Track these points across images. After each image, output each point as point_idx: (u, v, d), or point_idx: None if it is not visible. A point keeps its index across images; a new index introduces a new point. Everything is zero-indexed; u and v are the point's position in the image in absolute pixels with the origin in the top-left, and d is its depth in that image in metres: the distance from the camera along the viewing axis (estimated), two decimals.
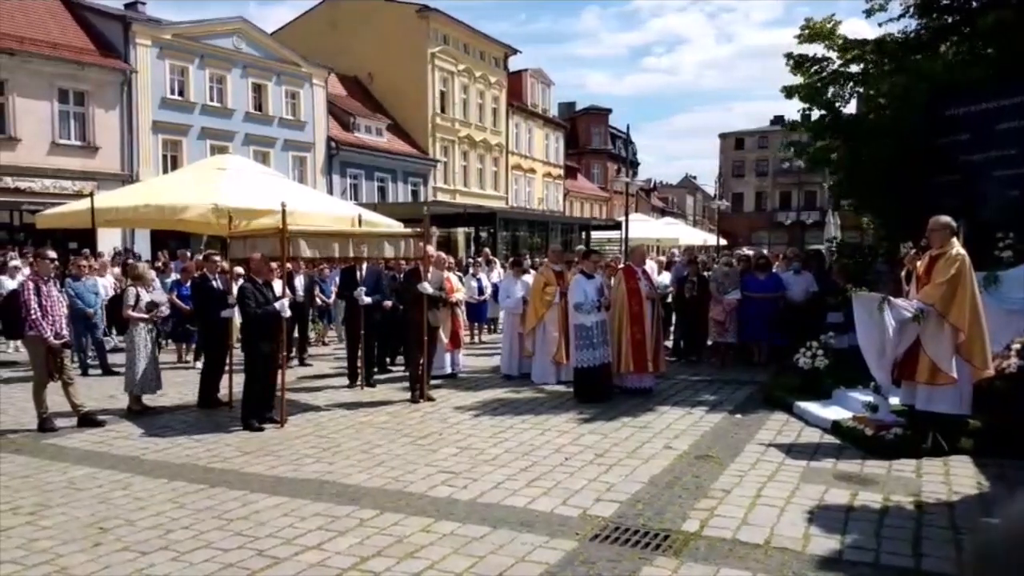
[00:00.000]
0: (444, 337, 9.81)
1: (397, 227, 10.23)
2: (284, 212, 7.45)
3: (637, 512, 4.94)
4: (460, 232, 31.84)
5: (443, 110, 36.00)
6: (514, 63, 42.25)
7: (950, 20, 12.19)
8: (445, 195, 35.37)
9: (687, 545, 4.38)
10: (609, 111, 57.71)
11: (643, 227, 31.26)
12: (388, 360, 11.25)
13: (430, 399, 8.65)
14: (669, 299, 11.89)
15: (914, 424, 6.46)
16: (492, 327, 15.11)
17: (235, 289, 8.14)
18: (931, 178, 10.53)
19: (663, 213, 60.63)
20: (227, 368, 8.57)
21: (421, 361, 8.61)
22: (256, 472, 5.97)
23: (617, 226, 31.38)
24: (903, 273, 7.11)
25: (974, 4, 11.83)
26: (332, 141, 30.22)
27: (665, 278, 12.11)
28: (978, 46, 11.43)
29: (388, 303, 9.95)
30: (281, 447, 6.72)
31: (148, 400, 8.33)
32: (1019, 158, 9.13)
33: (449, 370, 10.14)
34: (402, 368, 10.36)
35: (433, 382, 9.27)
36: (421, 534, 4.58)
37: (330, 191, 27.38)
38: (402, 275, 9.94)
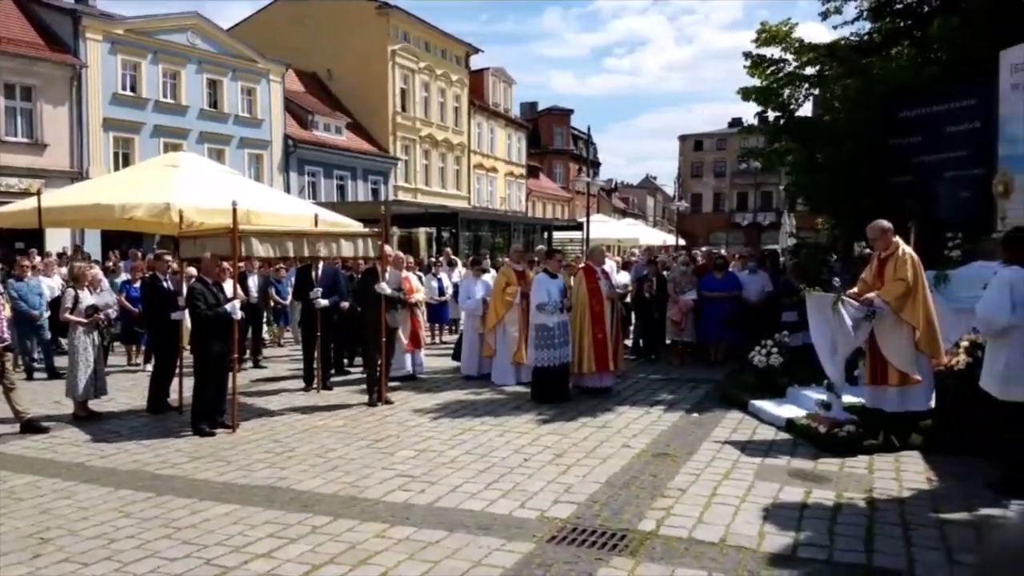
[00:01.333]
0: (403, 338, 9.71)
1: (356, 226, 10.06)
2: (235, 210, 7.27)
3: (595, 513, 4.92)
4: (422, 232, 31.62)
5: (404, 108, 35.75)
6: (476, 62, 42.26)
7: (902, 24, 12.49)
8: (406, 194, 35.13)
9: (644, 545, 4.37)
10: (571, 111, 58.09)
11: (604, 227, 31.46)
12: (345, 362, 11.09)
13: (388, 402, 8.54)
14: (628, 299, 11.94)
15: (866, 421, 6.57)
16: (453, 328, 15.01)
17: (185, 290, 7.93)
18: (885, 179, 10.75)
19: (624, 214, 61.20)
20: (177, 371, 8.35)
21: (379, 363, 8.49)
22: (206, 479, 5.80)
23: (579, 226, 31.51)
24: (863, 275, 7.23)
25: (925, 8, 12.12)
26: (289, 139, 29.78)
27: (623, 277, 12.16)
28: (929, 50, 11.70)
29: (345, 304, 9.80)
30: (232, 452, 6.55)
31: (95, 405, 8.06)
32: (969, 160, 9.36)
33: (409, 370, 10.04)
34: (360, 370, 10.22)
35: (392, 384, 9.16)
36: (375, 540, 4.49)
37: (287, 189, 26.97)
38: (360, 275, 9.79)
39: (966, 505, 4.92)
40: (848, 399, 6.96)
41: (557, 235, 34.23)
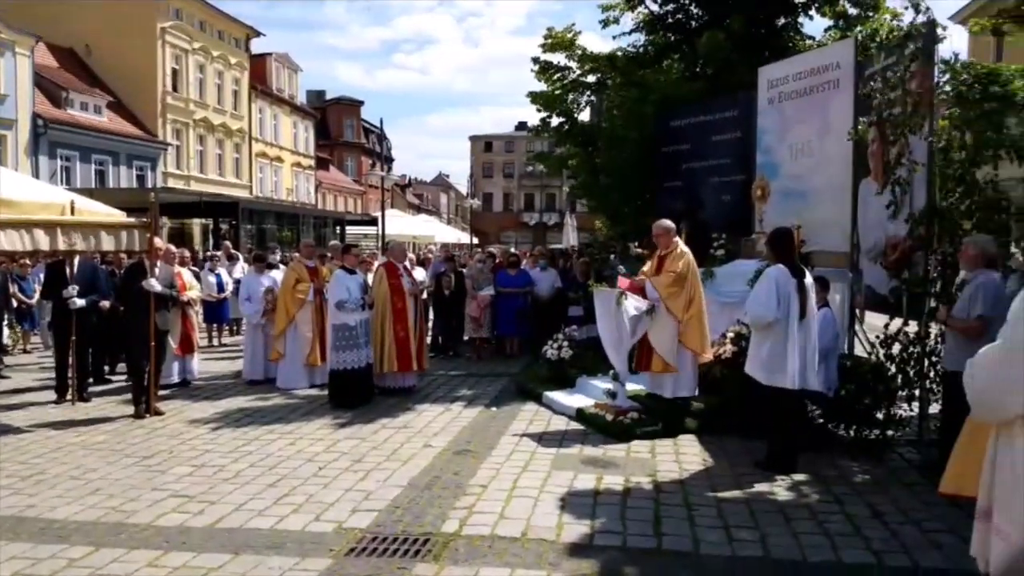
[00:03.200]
0: (173, 342, 8.78)
1: (120, 216, 8.95)
2: None
3: (396, 519, 4.73)
4: (197, 223, 29.27)
5: (175, 89, 32.79)
6: (258, 46, 39.90)
7: (673, 38, 13.55)
8: (178, 182, 32.24)
9: (447, 547, 4.26)
10: (361, 103, 56.74)
11: (400, 223, 31.15)
12: (106, 369, 9.87)
13: (158, 412, 7.68)
14: (425, 295, 11.86)
15: (648, 408, 7.01)
16: (235, 328, 13.98)
17: None
18: (660, 183, 11.62)
19: (419, 210, 61.17)
20: None
21: (147, 370, 7.61)
22: None
23: (373, 221, 30.93)
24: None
25: (693, 24, 13.25)
26: (39, 118, 26.10)
27: (419, 274, 12.04)
28: (696, 64, 12.81)
29: (106, 303, 8.69)
30: None
31: None
32: (731, 167, 10.37)
33: (177, 379, 9.12)
34: (124, 378, 9.13)
35: (162, 393, 8.27)
36: (147, 570, 3.96)
37: (36, 174, 23.59)
38: (123, 271, 8.73)
39: (738, 484, 5.38)
40: (631, 387, 7.39)
41: (350, 230, 33.42)
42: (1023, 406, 1.95)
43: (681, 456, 6.15)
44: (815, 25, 63.11)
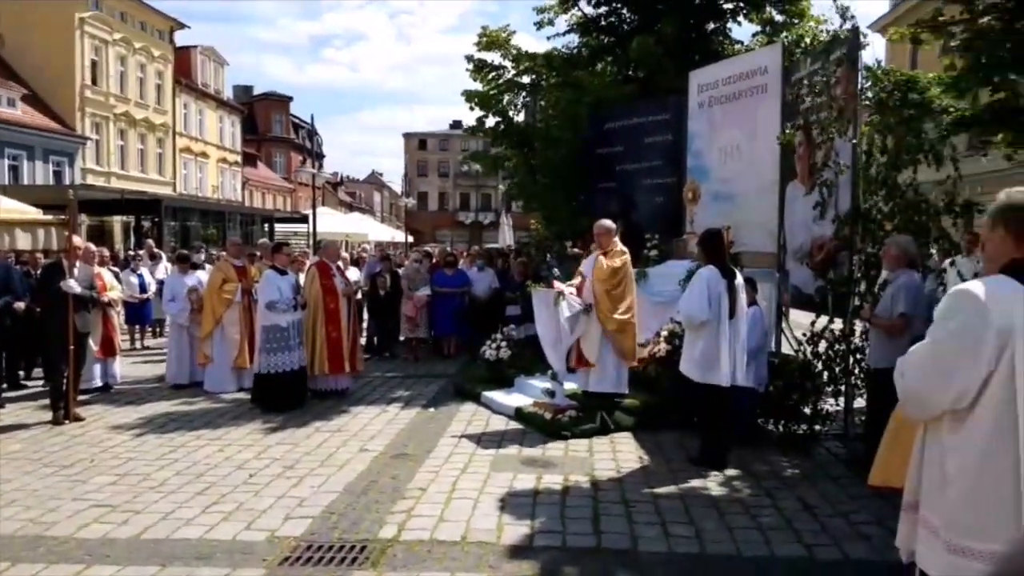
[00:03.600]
0: (93, 345, 8.38)
1: (35, 214, 8.51)
2: None
3: (332, 525, 4.62)
4: (117, 221, 28.07)
5: (95, 82, 31.37)
6: (182, 38, 38.56)
7: (606, 41, 13.71)
8: (98, 178, 30.86)
9: (385, 554, 4.18)
10: (290, 98, 55.55)
11: (332, 221, 30.51)
12: (21, 374, 9.36)
13: (78, 419, 7.32)
14: (359, 295, 11.68)
15: (585, 406, 7.07)
16: (158, 330, 13.47)
17: None
18: (595, 184, 11.74)
19: (351, 208, 60.25)
20: None
21: (66, 374, 7.24)
22: None
23: (304, 219, 30.25)
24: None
25: (625, 28, 13.43)
26: None
27: (353, 274, 11.85)
28: (628, 67, 12.99)
29: (21, 304, 8.23)
30: None
31: None
32: (663, 169, 10.55)
33: (98, 383, 8.71)
34: (40, 383, 8.67)
35: (82, 398, 7.89)
36: None
37: None
38: (40, 271, 8.28)
39: (674, 479, 5.48)
40: (569, 386, 7.44)
41: (280, 228, 32.61)
42: (951, 403, 2.03)
43: (618, 453, 6.22)
44: (744, 31, 65.09)
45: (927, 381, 2.09)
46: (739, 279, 5.89)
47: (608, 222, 7.38)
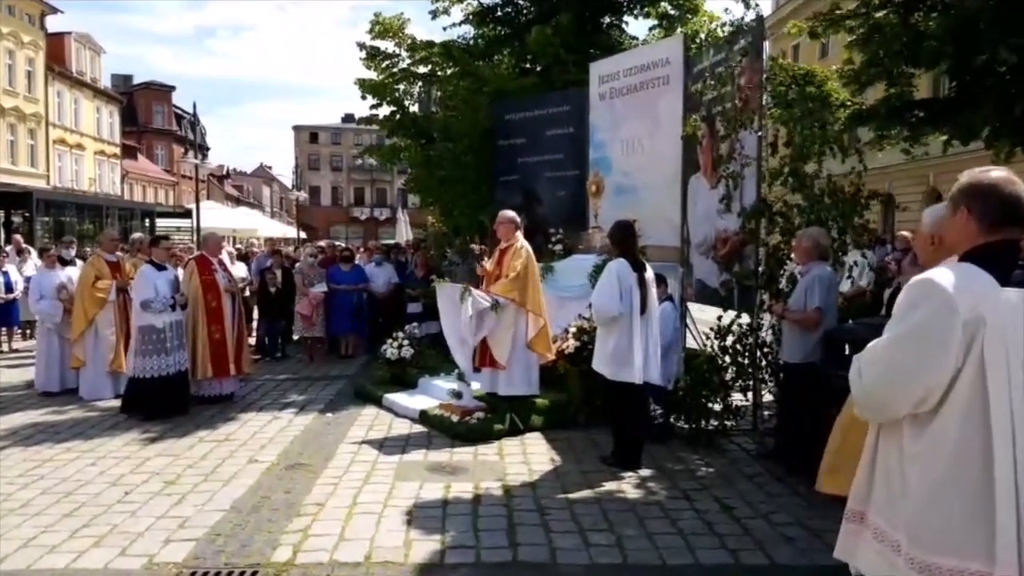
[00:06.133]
0: None
1: None
2: None
3: (218, 548, 4.14)
4: None
5: None
6: (54, 24, 35.69)
7: (503, 32, 13.48)
8: None
9: None
10: (173, 88, 52.56)
11: (218, 215, 29.00)
12: None
13: None
14: (247, 292, 10.97)
15: (494, 407, 6.80)
16: (27, 332, 12.28)
17: None
18: (497, 177, 11.49)
19: (239, 202, 57.77)
20: None
21: None
22: None
23: (187, 213, 28.71)
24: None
25: (522, 19, 13.25)
26: None
27: (240, 269, 11.12)
28: (526, 58, 12.81)
29: None
30: None
31: None
32: (566, 162, 10.41)
33: None
34: None
35: None
36: None
37: None
38: None
39: (588, 483, 5.27)
40: (476, 386, 7.14)
41: (161, 222, 30.89)
42: (915, 404, 1.85)
43: (529, 456, 5.98)
44: (640, 26, 66.65)
45: (889, 381, 1.90)
46: (649, 272, 5.76)
47: (510, 213, 7.13)
